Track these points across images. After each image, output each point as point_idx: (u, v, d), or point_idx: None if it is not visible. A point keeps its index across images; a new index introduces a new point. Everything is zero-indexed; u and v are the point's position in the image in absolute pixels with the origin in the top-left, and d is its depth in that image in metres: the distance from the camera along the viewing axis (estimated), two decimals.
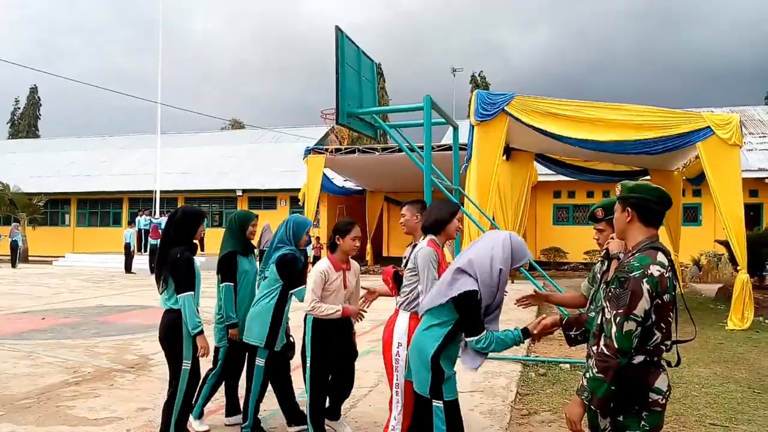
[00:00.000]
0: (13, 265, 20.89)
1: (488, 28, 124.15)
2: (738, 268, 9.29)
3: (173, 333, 3.73)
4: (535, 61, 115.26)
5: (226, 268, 4.37)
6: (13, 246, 21.32)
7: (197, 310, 3.75)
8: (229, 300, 4.35)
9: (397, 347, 3.38)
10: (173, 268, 3.70)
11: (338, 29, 6.48)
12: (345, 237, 3.99)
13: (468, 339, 2.78)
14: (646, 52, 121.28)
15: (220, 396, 5.17)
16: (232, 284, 4.34)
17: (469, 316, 2.78)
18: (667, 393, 2.24)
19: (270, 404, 4.82)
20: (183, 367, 3.73)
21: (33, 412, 4.67)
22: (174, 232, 3.81)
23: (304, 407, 4.11)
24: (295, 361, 4.42)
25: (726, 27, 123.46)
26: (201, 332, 3.71)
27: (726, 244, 10.88)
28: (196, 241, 3.93)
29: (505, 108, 9.26)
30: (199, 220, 3.91)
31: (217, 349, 4.44)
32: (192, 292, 3.71)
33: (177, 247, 3.74)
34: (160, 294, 3.81)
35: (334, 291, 3.96)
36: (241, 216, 4.50)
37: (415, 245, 4.55)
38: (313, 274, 3.92)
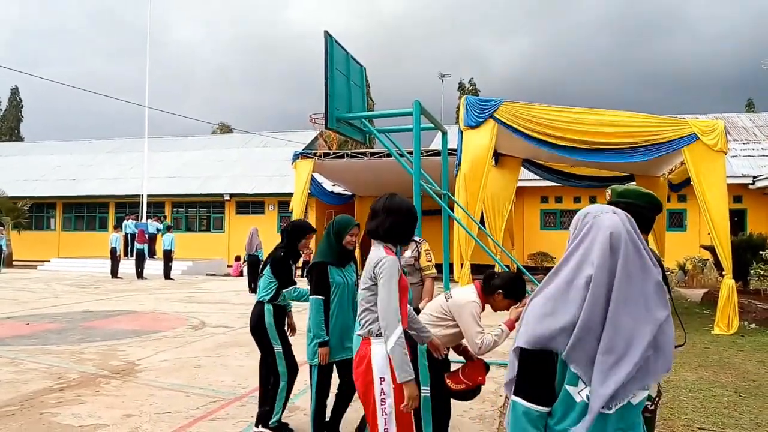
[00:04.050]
0: None
1: (469, 37, 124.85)
2: (723, 273, 9.38)
3: (258, 322, 4.30)
4: (513, 69, 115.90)
5: (315, 280, 3.88)
6: None
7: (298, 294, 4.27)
8: (317, 314, 3.82)
9: (380, 383, 2.70)
10: (273, 267, 4.32)
11: (327, 34, 6.48)
12: (507, 298, 3.54)
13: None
14: (624, 61, 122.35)
15: (205, 403, 5.13)
16: (322, 298, 3.82)
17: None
18: (657, 399, 2.23)
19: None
20: (276, 351, 4.28)
21: (16, 420, 4.60)
22: (284, 239, 4.43)
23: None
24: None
25: (704, 36, 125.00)
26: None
27: (711, 249, 10.99)
28: (302, 251, 4.51)
29: (494, 114, 9.31)
30: (303, 233, 4.44)
31: (311, 368, 4.00)
32: (292, 286, 4.26)
33: (282, 249, 4.36)
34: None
35: None
36: (338, 222, 3.90)
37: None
38: (472, 308, 3.47)
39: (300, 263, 17.13)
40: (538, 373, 1.55)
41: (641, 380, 1.52)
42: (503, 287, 3.51)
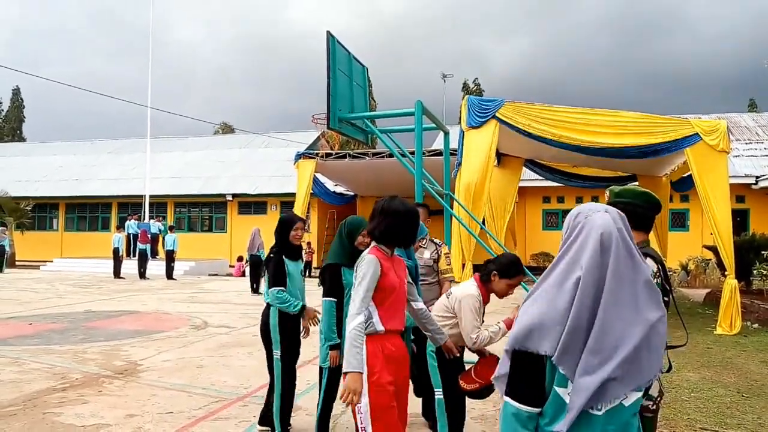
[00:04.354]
0: (0, 270, 20.67)
1: (471, 37, 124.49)
2: (726, 273, 9.36)
3: (264, 325, 4.23)
4: (514, 69, 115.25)
5: (327, 282, 3.81)
6: (0, 251, 21.12)
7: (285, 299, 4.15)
8: (329, 317, 3.76)
9: None
10: (267, 267, 4.26)
11: (329, 34, 6.48)
12: (503, 278, 3.53)
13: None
14: (626, 61, 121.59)
15: (208, 403, 5.14)
16: (335, 300, 3.77)
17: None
18: (658, 399, 2.23)
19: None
20: (275, 357, 4.16)
21: (19, 419, 4.61)
22: (275, 237, 4.34)
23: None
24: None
25: (706, 36, 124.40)
26: (302, 307, 4.18)
27: (713, 249, 10.98)
28: (302, 245, 4.40)
29: (496, 114, 9.32)
30: (289, 224, 4.33)
31: (321, 370, 3.93)
32: (278, 287, 4.13)
33: (273, 249, 4.29)
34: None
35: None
36: (350, 223, 3.86)
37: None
38: (470, 302, 3.52)
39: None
40: (528, 374, 1.55)
41: (633, 381, 1.51)
42: (497, 268, 3.54)
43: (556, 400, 1.53)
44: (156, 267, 19.50)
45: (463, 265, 8.90)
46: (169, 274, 18.55)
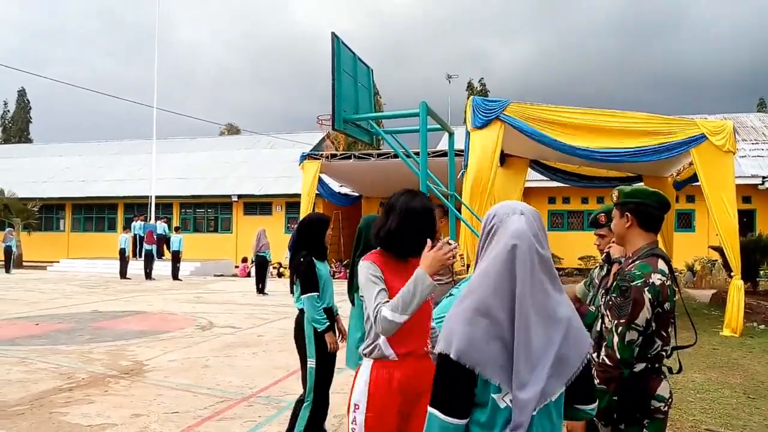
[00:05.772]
0: (7, 271, 20.76)
1: (470, 39, 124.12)
2: (732, 274, 9.32)
3: (299, 332, 4.01)
4: (520, 70, 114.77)
5: None
6: (7, 251, 21.22)
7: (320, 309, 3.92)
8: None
9: (354, 411, 2.28)
10: (296, 271, 4.04)
11: (334, 35, 6.50)
12: None
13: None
14: (630, 62, 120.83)
15: (213, 403, 5.15)
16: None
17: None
18: (669, 400, 2.23)
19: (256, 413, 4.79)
20: (308, 366, 3.93)
21: (26, 419, 4.64)
22: (299, 238, 4.12)
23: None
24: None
25: (715, 36, 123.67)
26: (328, 329, 3.88)
27: (720, 250, 10.93)
28: (327, 245, 4.20)
29: (501, 114, 9.31)
30: (326, 224, 4.15)
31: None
32: (313, 293, 3.90)
33: (302, 251, 4.02)
34: (293, 295, 4.16)
35: None
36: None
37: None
38: None
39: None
40: (455, 384, 1.52)
41: (565, 375, 1.53)
42: None
43: (493, 405, 1.52)
44: (162, 267, 19.57)
45: (468, 266, 8.89)
46: (175, 275, 18.60)
